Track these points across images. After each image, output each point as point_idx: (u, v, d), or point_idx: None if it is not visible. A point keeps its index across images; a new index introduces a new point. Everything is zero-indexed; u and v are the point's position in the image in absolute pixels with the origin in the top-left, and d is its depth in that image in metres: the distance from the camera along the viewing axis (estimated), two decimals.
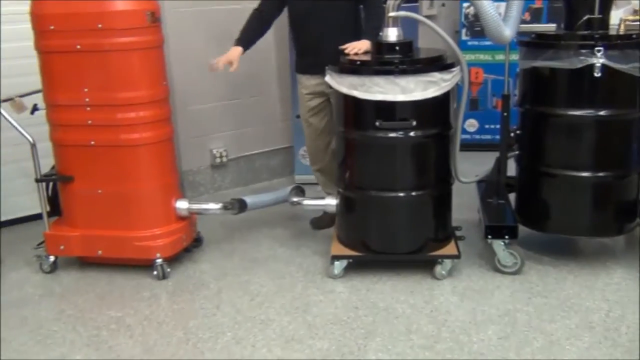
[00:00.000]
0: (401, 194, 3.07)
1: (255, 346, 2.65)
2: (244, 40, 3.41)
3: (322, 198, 3.44)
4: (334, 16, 3.35)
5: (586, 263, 3.23)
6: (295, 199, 3.50)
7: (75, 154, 3.21)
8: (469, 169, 3.41)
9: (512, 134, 3.28)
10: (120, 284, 3.22)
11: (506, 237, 3.10)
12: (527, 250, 3.25)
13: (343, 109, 3.11)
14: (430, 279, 3.13)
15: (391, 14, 3.01)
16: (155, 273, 3.23)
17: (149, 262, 3.24)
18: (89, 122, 3.12)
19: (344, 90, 2.99)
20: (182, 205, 3.34)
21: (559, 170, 3.11)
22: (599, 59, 2.87)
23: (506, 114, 3.23)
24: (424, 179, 3.11)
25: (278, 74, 4.58)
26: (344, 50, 3.13)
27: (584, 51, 2.89)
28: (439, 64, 2.99)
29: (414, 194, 3.08)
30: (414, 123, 2.96)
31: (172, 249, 3.29)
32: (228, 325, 2.82)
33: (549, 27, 3.46)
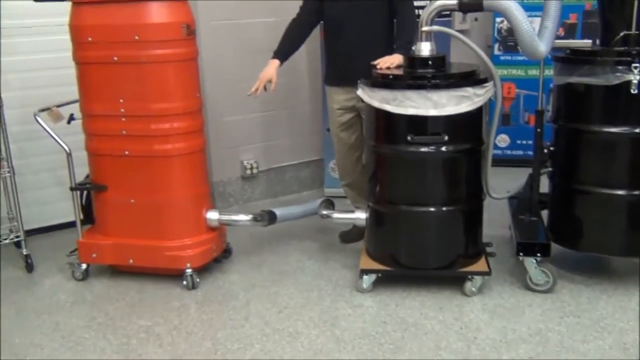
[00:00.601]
0: (432, 208, 3.05)
1: (283, 359, 2.65)
2: (282, 52, 3.43)
3: (352, 211, 3.43)
4: (369, 24, 3.35)
5: (620, 283, 3.16)
6: (324, 212, 3.50)
7: (109, 163, 3.26)
8: (500, 185, 3.38)
9: (545, 150, 3.24)
10: (150, 293, 3.25)
11: (538, 254, 3.06)
12: (559, 269, 3.19)
13: (374, 123, 3.11)
14: (460, 296, 3.10)
15: (424, 28, 3.01)
16: (185, 283, 3.25)
17: (179, 272, 3.27)
18: (124, 132, 3.17)
19: (376, 104, 2.99)
20: (212, 216, 3.37)
21: (593, 188, 3.07)
22: (636, 76, 2.83)
23: (540, 129, 3.19)
24: (455, 194, 3.09)
25: (309, 86, 4.61)
26: (376, 65, 3.14)
27: (620, 67, 2.85)
28: (472, 78, 2.98)
29: (444, 209, 3.06)
30: (445, 138, 2.94)
31: (202, 259, 3.31)
32: (256, 337, 2.82)
33: (584, 43, 3.43)
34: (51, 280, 3.44)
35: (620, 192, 3.01)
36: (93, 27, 3.08)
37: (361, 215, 3.33)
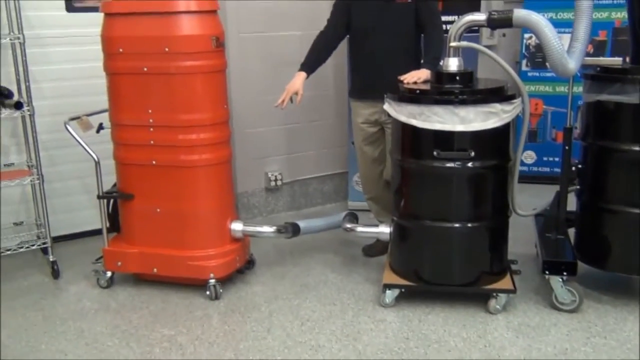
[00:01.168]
0: (457, 224, 3.03)
1: None
2: (308, 65, 3.45)
3: (376, 225, 3.43)
4: (396, 38, 3.36)
5: None
6: (348, 225, 3.50)
7: (136, 172, 3.30)
8: (525, 202, 3.34)
9: (573, 167, 3.20)
10: (173, 302, 3.27)
11: (564, 273, 3.02)
12: (585, 288, 3.14)
13: (401, 137, 3.10)
14: (484, 313, 3.06)
15: (452, 43, 3.01)
16: (208, 293, 3.27)
17: (202, 282, 3.28)
18: (151, 142, 3.21)
19: (403, 118, 2.99)
20: (236, 227, 3.38)
21: (621, 207, 3.02)
22: None
23: (568, 147, 3.16)
24: (480, 210, 3.07)
25: (335, 99, 4.62)
26: (403, 80, 3.14)
27: None
28: (500, 94, 2.96)
29: (469, 225, 3.04)
30: (472, 154, 2.93)
31: (225, 269, 3.32)
32: (278, 349, 2.82)
33: (614, 60, 3.38)
34: (76, 287, 3.47)
35: None
36: (124, 38, 3.13)
37: (385, 230, 3.32)
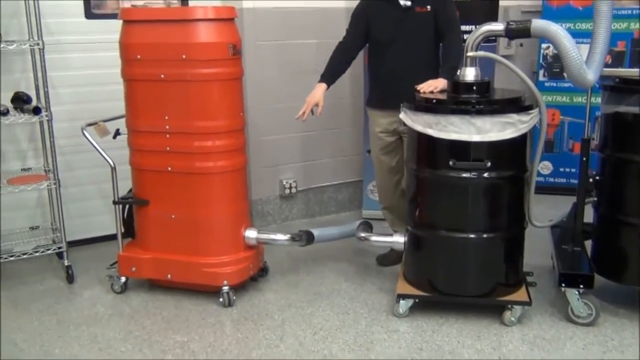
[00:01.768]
0: (472, 235, 3.01)
1: None
2: (328, 75, 3.44)
3: (390, 235, 3.41)
4: (415, 48, 3.36)
5: None
6: (362, 234, 3.49)
7: (152, 178, 3.31)
8: (541, 213, 3.32)
9: (590, 179, 3.17)
10: (187, 308, 3.27)
11: (581, 286, 2.99)
12: (602, 301, 3.10)
13: (416, 146, 3.09)
14: (499, 325, 3.04)
15: (470, 53, 3.00)
16: (222, 300, 3.26)
17: (215, 289, 3.28)
18: (167, 148, 3.22)
19: (419, 128, 2.97)
20: (251, 234, 3.38)
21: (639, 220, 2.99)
22: None
23: (586, 158, 3.13)
24: (496, 221, 3.05)
25: (351, 108, 4.62)
26: (420, 90, 3.13)
27: None
28: (517, 105, 2.94)
29: (485, 236, 3.02)
30: (488, 164, 2.91)
31: (239, 277, 3.32)
32: (291, 358, 2.81)
33: (633, 71, 3.36)
34: (91, 292, 3.49)
35: None
36: (142, 45, 3.15)
37: (399, 239, 3.30)
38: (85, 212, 4.09)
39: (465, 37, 3.14)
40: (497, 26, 3.01)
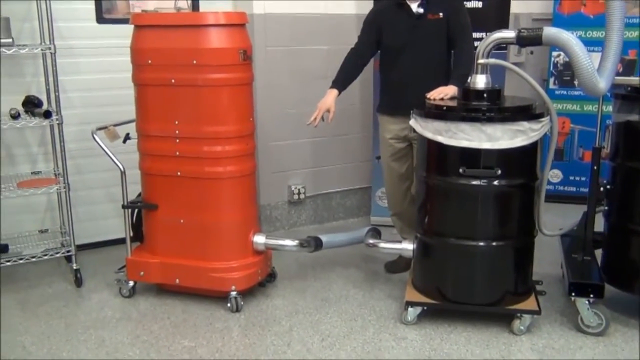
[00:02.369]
0: (481, 243, 2.99)
1: None
2: (340, 81, 3.44)
3: (399, 242, 3.40)
4: (427, 55, 3.36)
5: None
6: (371, 240, 3.48)
7: (161, 183, 3.31)
8: (551, 221, 3.29)
9: (601, 188, 3.15)
10: (194, 313, 3.27)
11: (591, 295, 2.96)
12: (612, 311, 3.08)
13: (426, 153, 3.08)
14: (508, 334, 3.02)
15: (480, 60, 2.99)
16: (229, 305, 3.26)
17: (223, 294, 3.28)
18: (177, 153, 3.22)
19: (429, 135, 2.97)
20: (259, 239, 3.38)
21: None
22: None
23: (597, 167, 3.11)
24: (505, 229, 3.03)
25: (361, 114, 4.62)
26: (429, 97, 3.13)
27: None
28: (528, 113, 2.93)
29: (494, 244, 3.00)
30: (498, 172, 2.90)
31: (247, 282, 3.32)
32: None
33: None
34: (99, 296, 3.49)
35: None
36: (153, 50, 3.16)
37: (408, 246, 3.29)
38: (94, 215, 4.10)
39: (476, 45, 3.13)
40: (509, 34, 3.00)
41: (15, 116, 3.42)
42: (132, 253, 3.46)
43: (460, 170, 2.92)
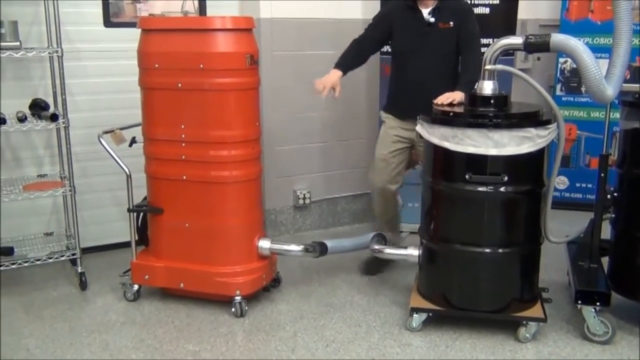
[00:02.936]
0: (487, 250, 2.98)
1: None
2: (343, 65, 3.45)
3: (404, 248, 3.39)
4: (436, 62, 3.38)
5: None
6: (376, 246, 3.46)
7: (166, 187, 3.31)
8: (557, 228, 3.28)
9: (608, 195, 3.14)
10: (198, 317, 3.26)
11: (597, 303, 2.95)
12: (619, 320, 3.06)
13: (432, 159, 3.07)
14: (513, 341, 3.00)
15: (487, 67, 2.98)
16: (234, 310, 3.25)
17: (228, 298, 3.27)
18: (183, 157, 3.22)
19: (435, 140, 2.96)
20: (264, 244, 3.37)
21: None
22: None
23: (604, 174, 3.09)
24: (512, 236, 3.02)
25: (366, 119, 4.61)
26: (436, 102, 3.12)
27: None
28: (535, 119, 2.92)
29: (500, 250, 2.99)
30: (505, 178, 2.89)
31: (251, 287, 3.31)
32: None
33: None
34: (103, 299, 3.49)
35: None
36: (160, 54, 3.16)
37: (413, 252, 3.28)
38: (99, 219, 4.10)
39: (484, 51, 3.13)
40: (516, 40, 2.99)
41: (22, 119, 3.43)
42: (137, 257, 3.46)
43: (467, 177, 2.91)
